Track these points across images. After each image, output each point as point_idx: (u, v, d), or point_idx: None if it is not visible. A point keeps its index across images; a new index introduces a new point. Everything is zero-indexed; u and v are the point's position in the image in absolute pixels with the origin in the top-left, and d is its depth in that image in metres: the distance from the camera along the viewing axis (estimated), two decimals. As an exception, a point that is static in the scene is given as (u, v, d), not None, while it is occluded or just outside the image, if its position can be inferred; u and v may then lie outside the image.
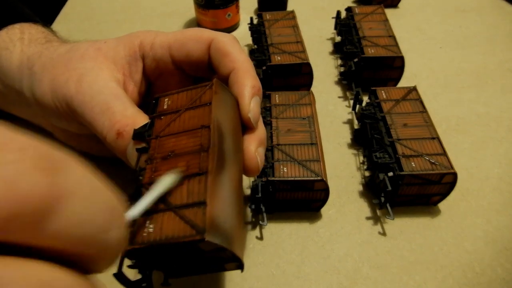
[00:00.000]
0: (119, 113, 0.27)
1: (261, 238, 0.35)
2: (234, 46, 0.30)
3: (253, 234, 0.35)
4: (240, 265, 0.23)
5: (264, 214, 0.34)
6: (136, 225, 0.20)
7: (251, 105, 0.27)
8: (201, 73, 0.33)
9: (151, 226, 0.20)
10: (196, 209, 0.19)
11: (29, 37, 0.36)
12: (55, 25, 0.62)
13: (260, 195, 0.32)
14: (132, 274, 0.22)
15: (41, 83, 0.31)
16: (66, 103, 0.30)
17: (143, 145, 0.24)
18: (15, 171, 0.10)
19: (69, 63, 0.31)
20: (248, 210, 0.37)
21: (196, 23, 0.60)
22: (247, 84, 0.28)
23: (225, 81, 0.29)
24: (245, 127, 0.28)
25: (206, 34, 0.30)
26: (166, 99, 0.26)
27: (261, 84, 0.29)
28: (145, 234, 0.20)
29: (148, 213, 0.20)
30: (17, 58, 0.34)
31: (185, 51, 0.31)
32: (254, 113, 0.27)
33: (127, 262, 0.21)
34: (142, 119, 0.27)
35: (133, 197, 0.21)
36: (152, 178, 0.22)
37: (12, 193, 0.10)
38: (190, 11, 0.61)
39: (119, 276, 0.20)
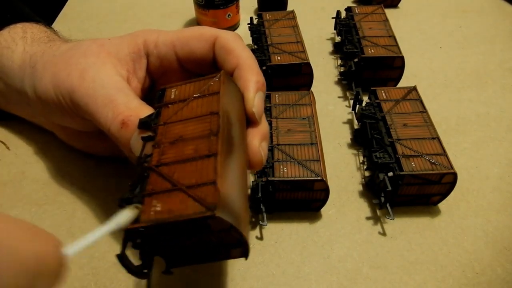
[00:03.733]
0: (122, 104, 0.27)
1: (261, 238, 0.35)
2: (238, 43, 0.30)
3: (253, 234, 0.35)
4: (245, 251, 0.23)
5: (264, 214, 0.34)
6: (143, 205, 0.20)
7: (256, 100, 0.27)
8: (204, 70, 0.33)
9: (158, 205, 0.20)
10: (206, 187, 0.19)
11: (32, 36, 0.36)
12: (56, 25, 0.62)
13: (260, 195, 0.33)
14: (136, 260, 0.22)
15: (42, 80, 0.31)
16: (69, 96, 0.30)
17: (149, 133, 0.24)
18: None
19: (71, 59, 0.31)
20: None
21: (196, 23, 0.60)
22: (251, 79, 0.28)
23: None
24: (249, 122, 0.28)
25: (209, 31, 0.31)
26: (173, 90, 0.26)
27: (265, 80, 0.29)
28: (152, 213, 0.19)
29: (155, 193, 0.20)
30: (19, 57, 0.34)
31: (189, 49, 0.31)
32: (258, 107, 0.27)
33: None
34: (146, 110, 0.27)
35: (135, 185, 0.21)
36: (159, 161, 0.22)
37: None
38: (190, 11, 0.61)
39: (122, 258, 0.20)
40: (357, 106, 0.42)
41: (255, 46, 0.51)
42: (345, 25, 0.52)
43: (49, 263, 0.15)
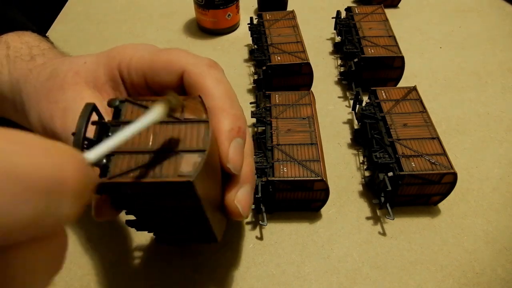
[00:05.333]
0: None
1: (261, 238, 0.35)
2: (208, 78, 0.26)
3: (253, 234, 0.35)
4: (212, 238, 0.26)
5: (264, 214, 0.34)
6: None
7: (231, 152, 0.24)
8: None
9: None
10: (192, 154, 0.19)
11: (14, 54, 0.33)
12: (56, 25, 0.62)
13: (260, 195, 0.33)
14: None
15: (30, 116, 0.30)
16: (54, 138, 0.28)
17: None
18: None
19: (50, 94, 0.29)
20: (248, 210, 0.37)
21: (196, 23, 0.60)
22: (224, 128, 0.24)
23: None
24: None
25: (178, 63, 0.27)
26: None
27: (244, 121, 0.25)
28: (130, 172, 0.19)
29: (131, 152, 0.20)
30: (7, 79, 0.32)
31: (159, 80, 0.28)
32: (235, 161, 0.24)
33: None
34: None
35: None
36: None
37: None
38: (190, 11, 0.61)
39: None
40: (357, 106, 0.42)
41: (255, 46, 0.51)
42: (345, 25, 0.52)
43: (71, 176, 0.12)
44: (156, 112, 0.17)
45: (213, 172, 0.23)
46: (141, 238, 0.35)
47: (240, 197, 0.25)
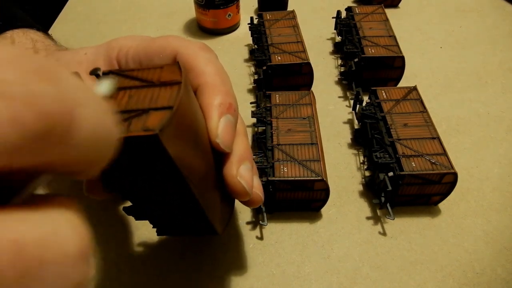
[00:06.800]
0: None
1: (261, 238, 0.35)
2: (199, 58, 0.26)
3: (253, 234, 0.35)
4: (212, 230, 0.25)
5: (264, 214, 0.34)
6: None
7: (220, 128, 0.23)
8: None
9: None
10: (161, 111, 0.19)
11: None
12: (56, 25, 0.62)
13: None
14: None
15: None
16: None
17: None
18: (23, 86, 0.09)
19: None
20: (248, 210, 0.37)
21: (196, 23, 0.60)
22: (213, 103, 0.23)
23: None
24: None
25: (170, 47, 0.27)
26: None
27: (235, 100, 0.25)
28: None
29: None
30: None
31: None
32: (224, 137, 0.23)
33: None
34: None
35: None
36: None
37: (33, 110, 0.09)
38: (190, 11, 0.61)
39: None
40: (358, 106, 0.42)
41: (255, 46, 0.51)
42: (345, 25, 0.52)
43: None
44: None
45: (195, 140, 0.22)
46: (141, 238, 0.35)
47: (243, 173, 0.24)
